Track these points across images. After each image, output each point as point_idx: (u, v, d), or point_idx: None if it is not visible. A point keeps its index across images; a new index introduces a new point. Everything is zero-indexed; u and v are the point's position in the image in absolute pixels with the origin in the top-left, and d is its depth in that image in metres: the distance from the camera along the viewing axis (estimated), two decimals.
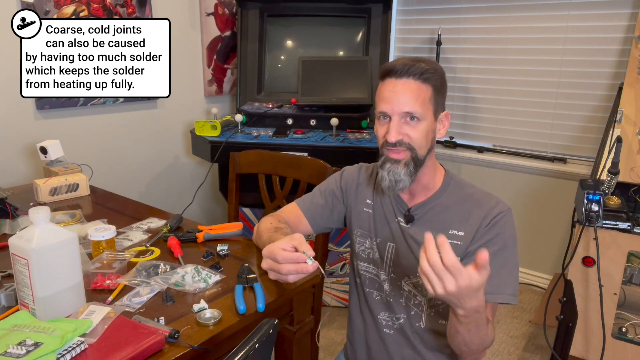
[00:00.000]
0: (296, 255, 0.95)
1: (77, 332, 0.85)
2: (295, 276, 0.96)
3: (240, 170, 1.84)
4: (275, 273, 0.99)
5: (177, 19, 2.59)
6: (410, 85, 1.05)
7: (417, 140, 1.07)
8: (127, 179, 2.52)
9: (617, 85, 2.27)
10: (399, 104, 1.05)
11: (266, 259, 1.00)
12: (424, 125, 1.07)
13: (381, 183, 1.10)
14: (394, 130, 1.05)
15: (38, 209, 0.91)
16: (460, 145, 2.98)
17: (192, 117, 2.77)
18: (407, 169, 1.07)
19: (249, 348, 0.76)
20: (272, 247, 0.99)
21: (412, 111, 1.05)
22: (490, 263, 1.07)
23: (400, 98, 1.05)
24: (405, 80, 1.05)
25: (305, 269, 0.94)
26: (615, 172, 1.60)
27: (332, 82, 2.44)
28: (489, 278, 1.06)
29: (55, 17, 2.09)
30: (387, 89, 1.07)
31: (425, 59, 1.08)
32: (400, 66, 1.05)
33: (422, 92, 1.05)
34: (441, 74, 1.09)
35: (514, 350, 2.26)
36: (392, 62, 1.08)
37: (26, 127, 2.11)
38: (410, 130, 1.06)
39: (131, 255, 1.22)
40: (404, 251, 1.16)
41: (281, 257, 0.96)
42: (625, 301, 1.81)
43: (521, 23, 2.65)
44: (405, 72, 1.04)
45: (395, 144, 1.06)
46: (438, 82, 1.07)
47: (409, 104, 1.04)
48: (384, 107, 1.07)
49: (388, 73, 1.07)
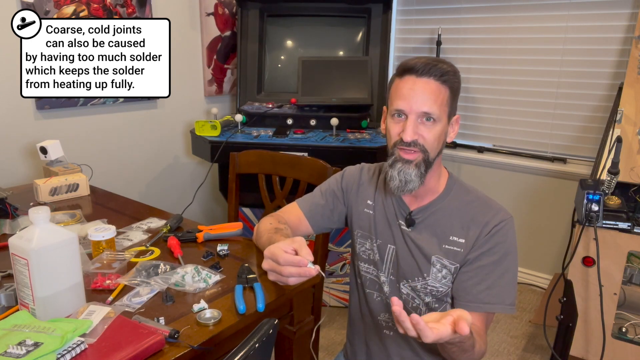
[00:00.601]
0: (297, 258, 0.93)
1: (77, 332, 0.85)
2: (296, 279, 0.95)
3: (240, 170, 1.84)
4: (276, 274, 0.97)
5: (177, 19, 2.59)
6: (430, 85, 1.03)
7: (431, 142, 1.05)
8: (127, 179, 2.53)
9: (617, 85, 2.27)
10: (418, 103, 1.02)
11: (267, 260, 0.98)
12: (438, 127, 1.05)
13: (390, 183, 1.08)
14: (410, 130, 1.03)
15: (38, 209, 0.91)
16: (460, 145, 2.98)
17: (192, 117, 2.77)
18: (418, 170, 1.06)
19: (249, 348, 0.76)
20: (274, 248, 0.97)
21: (430, 112, 1.03)
22: (489, 272, 1.07)
23: (419, 97, 1.02)
24: (427, 79, 1.03)
25: (307, 273, 0.93)
26: (615, 172, 1.60)
27: (332, 82, 2.44)
28: (487, 288, 1.07)
29: (55, 17, 2.09)
30: (406, 86, 1.04)
31: (446, 61, 1.06)
32: (421, 65, 1.03)
33: (441, 93, 1.04)
34: (459, 77, 1.07)
35: (514, 350, 2.26)
36: (413, 59, 1.05)
37: (26, 127, 2.11)
38: (426, 131, 1.04)
39: (131, 255, 1.21)
40: (404, 254, 1.16)
41: (283, 260, 0.94)
42: (625, 301, 1.81)
43: (521, 23, 2.65)
44: (427, 72, 1.02)
45: (410, 143, 1.04)
46: (456, 85, 1.06)
47: (428, 104, 1.02)
48: (402, 105, 1.04)
49: (408, 70, 1.04)
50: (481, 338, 1.02)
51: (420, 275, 1.14)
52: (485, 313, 1.08)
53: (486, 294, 1.06)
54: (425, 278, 1.13)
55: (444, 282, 1.12)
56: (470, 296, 1.08)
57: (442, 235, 1.12)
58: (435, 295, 1.14)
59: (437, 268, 1.11)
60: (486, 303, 1.07)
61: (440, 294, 1.13)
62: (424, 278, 1.13)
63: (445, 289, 1.12)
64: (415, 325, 0.77)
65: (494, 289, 1.06)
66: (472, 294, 1.08)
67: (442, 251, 1.11)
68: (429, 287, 1.13)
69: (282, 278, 0.96)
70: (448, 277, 1.11)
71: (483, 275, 1.07)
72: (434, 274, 1.12)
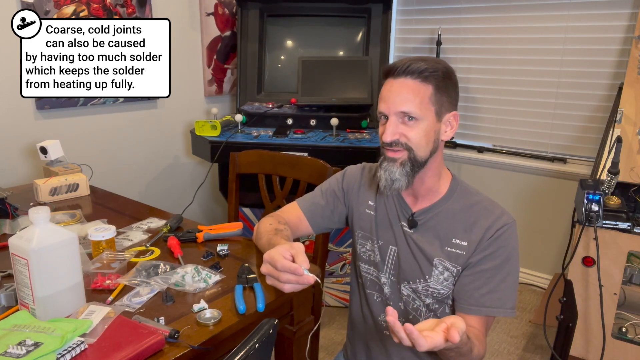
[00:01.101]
0: (294, 266, 0.92)
1: (77, 332, 0.85)
2: (291, 286, 0.93)
3: (240, 170, 1.84)
4: (273, 279, 0.96)
5: (177, 19, 2.59)
6: (407, 84, 1.04)
7: (415, 140, 1.05)
8: (127, 179, 2.53)
9: (617, 85, 2.27)
10: (395, 103, 1.04)
11: (266, 264, 0.97)
12: (422, 126, 1.05)
13: (379, 182, 1.10)
14: (389, 130, 1.05)
15: (38, 209, 0.91)
16: (460, 145, 2.98)
17: (192, 117, 2.77)
18: (402, 168, 1.06)
19: (249, 348, 0.76)
20: (273, 252, 0.96)
21: (407, 111, 1.03)
22: (491, 277, 1.07)
23: (396, 98, 1.04)
24: (403, 79, 1.04)
25: (304, 281, 0.91)
26: (615, 172, 1.60)
27: (332, 82, 2.44)
28: (489, 292, 1.07)
29: (55, 17, 2.09)
30: (385, 88, 1.07)
31: (428, 59, 1.06)
32: (400, 65, 1.04)
33: (420, 91, 1.03)
34: (444, 72, 1.05)
35: (514, 350, 2.26)
36: (396, 61, 1.07)
37: (26, 127, 2.11)
38: (408, 130, 1.05)
39: (131, 255, 1.21)
40: (406, 256, 1.15)
41: (280, 265, 0.93)
42: (625, 301, 1.81)
43: (521, 23, 2.65)
44: (403, 72, 1.04)
45: (391, 143, 1.05)
46: (440, 81, 1.05)
47: (405, 104, 1.03)
48: (382, 107, 1.07)
49: (388, 73, 1.07)
50: (480, 342, 1.02)
51: (421, 277, 1.13)
52: (486, 317, 1.08)
53: (487, 298, 1.06)
54: (426, 280, 1.13)
55: (445, 284, 1.12)
56: (471, 300, 1.08)
57: (444, 238, 1.11)
58: (436, 297, 1.13)
59: (439, 270, 1.11)
60: (487, 307, 1.07)
61: (441, 296, 1.13)
62: (425, 280, 1.13)
63: (446, 291, 1.12)
64: (409, 335, 0.78)
65: (495, 293, 1.06)
66: (473, 298, 1.07)
67: (445, 254, 1.11)
68: (430, 289, 1.13)
69: (279, 284, 0.95)
70: (450, 279, 1.11)
71: (485, 279, 1.07)
72: (436, 276, 1.12)
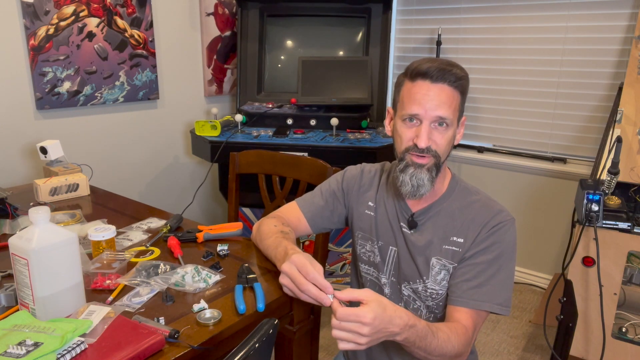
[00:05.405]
0: (326, 284, 0.92)
1: (77, 332, 0.85)
2: (307, 297, 0.94)
3: (240, 170, 1.84)
4: (292, 284, 0.96)
5: (177, 19, 2.59)
6: (445, 91, 1.03)
7: (443, 147, 1.06)
8: (127, 179, 2.53)
9: (617, 85, 2.27)
10: (432, 108, 1.02)
11: (292, 267, 0.96)
12: (450, 132, 1.06)
13: (401, 188, 1.08)
14: (425, 136, 1.03)
15: (38, 209, 0.91)
16: (460, 145, 2.98)
17: (192, 117, 2.77)
18: (430, 174, 1.06)
19: (249, 348, 0.76)
20: (305, 260, 0.95)
21: (445, 116, 1.02)
22: (482, 271, 1.07)
23: (435, 103, 1.02)
24: (441, 85, 1.02)
25: (322, 298, 0.91)
26: (615, 172, 1.60)
27: (332, 82, 2.44)
28: (477, 286, 1.06)
29: (55, 17, 2.09)
30: (419, 91, 1.03)
31: (457, 64, 1.05)
32: (435, 70, 1.02)
33: (454, 98, 1.04)
34: (468, 80, 1.07)
35: (514, 350, 2.26)
36: (425, 63, 1.03)
37: (26, 127, 2.11)
38: (438, 136, 1.05)
39: (131, 255, 1.21)
40: (406, 256, 1.15)
41: (312, 277, 0.93)
42: (625, 301, 1.81)
43: (521, 23, 2.65)
44: (442, 78, 1.02)
45: (423, 150, 1.04)
46: (466, 89, 1.07)
47: (443, 109, 1.02)
48: (416, 110, 1.03)
49: (422, 75, 1.03)
50: (460, 336, 0.99)
51: (420, 277, 1.13)
52: (474, 311, 1.05)
53: (475, 291, 1.05)
54: (424, 281, 1.13)
55: (442, 284, 1.11)
56: (459, 291, 1.07)
57: (443, 236, 1.11)
58: (435, 298, 1.13)
59: (436, 270, 1.11)
60: (474, 300, 1.05)
61: (440, 297, 1.13)
62: (423, 281, 1.13)
63: (444, 292, 1.12)
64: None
65: (485, 287, 1.05)
66: (461, 289, 1.07)
67: (442, 252, 1.11)
68: (429, 290, 1.13)
69: (296, 290, 0.95)
70: (446, 278, 1.11)
71: (475, 272, 1.07)
72: (433, 276, 1.12)
